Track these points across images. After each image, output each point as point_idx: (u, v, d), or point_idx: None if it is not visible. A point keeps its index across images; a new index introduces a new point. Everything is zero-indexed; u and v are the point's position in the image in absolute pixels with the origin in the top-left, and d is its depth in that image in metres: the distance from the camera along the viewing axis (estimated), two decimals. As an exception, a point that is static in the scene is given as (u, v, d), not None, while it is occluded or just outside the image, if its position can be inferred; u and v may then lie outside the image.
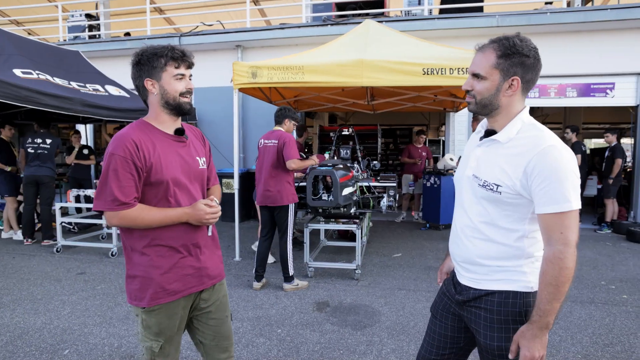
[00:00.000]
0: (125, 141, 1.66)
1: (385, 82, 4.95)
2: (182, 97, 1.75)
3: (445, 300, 1.77)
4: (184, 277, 1.78)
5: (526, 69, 1.47)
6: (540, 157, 1.38)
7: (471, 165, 1.61)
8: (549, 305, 1.38)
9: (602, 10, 7.19)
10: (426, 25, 7.67)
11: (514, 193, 1.45)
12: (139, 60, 1.72)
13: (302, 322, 3.59)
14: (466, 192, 1.63)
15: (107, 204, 1.65)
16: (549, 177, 1.37)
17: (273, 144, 4.28)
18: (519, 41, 1.47)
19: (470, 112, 1.63)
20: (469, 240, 1.60)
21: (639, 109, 7.56)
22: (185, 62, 1.74)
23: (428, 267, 5.22)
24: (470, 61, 4.89)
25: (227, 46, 8.58)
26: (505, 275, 1.54)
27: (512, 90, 1.49)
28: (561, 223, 1.37)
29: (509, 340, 1.51)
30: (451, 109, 8.16)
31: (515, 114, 1.53)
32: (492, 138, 1.54)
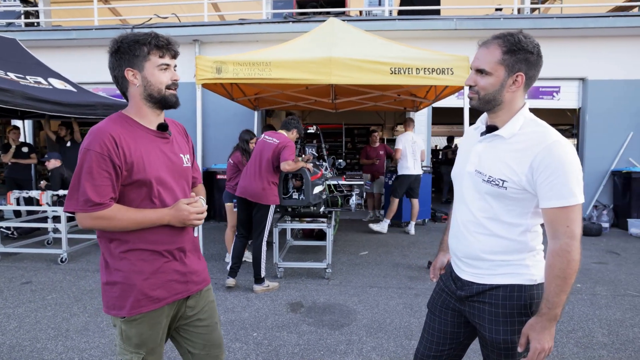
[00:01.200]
0: (102, 136, 1.50)
1: (354, 81, 4.94)
2: (167, 89, 1.61)
3: (444, 296, 1.76)
4: (168, 283, 1.64)
5: (530, 65, 1.49)
6: (546, 152, 1.40)
7: (472, 161, 1.60)
8: (557, 297, 1.40)
9: (549, 18, 7.63)
10: (387, 25, 7.77)
11: (519, 188, 1.46)
12: (118, 47, 1.56)
13: (277, 324, 3.49)
14: (467, 188, 1.62)
15: (78, 204, 1.50)
16: (555, 172, 1.38)
17: (273, 142, 4.23)
18: (523, 37, 1.49)
19: (472, 107, 1.63)
20: (473, 236, 1.59)
21: (581, 111, 8.10)
22: (171, 51, 1.60)
23: (396, 264, 5.28)
24: (436, 62, 4.95)
25: (184, 40, 8.23)
26: (510, 270, 1.55)
27: (516, 86, 1.51)
28: (567, 217, 1.39)
29: (515, 333, 1.53)
30: (411, 109, 8.32)
31: (517, 109, 1.54)
32: (495, 134, 1.54)
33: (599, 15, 7.72)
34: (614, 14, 7.79)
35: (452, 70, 4.90)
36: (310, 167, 4.43)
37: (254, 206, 4.15)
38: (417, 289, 4.36)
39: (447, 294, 1.75)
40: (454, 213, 1.73)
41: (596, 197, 7.95)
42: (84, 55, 8.67)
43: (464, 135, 1.81)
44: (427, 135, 8.66)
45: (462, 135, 10.39)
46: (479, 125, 1.67)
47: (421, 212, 7.85)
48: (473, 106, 1.60)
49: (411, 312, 3.74)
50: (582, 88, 8.02)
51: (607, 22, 7.45)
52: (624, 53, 7.78)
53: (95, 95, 7.90)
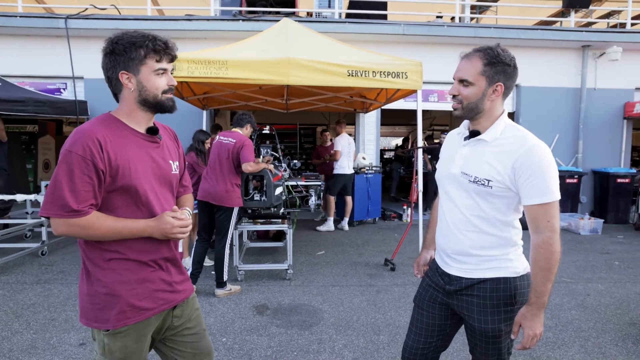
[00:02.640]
0: (86, 138, 1.41)
1: (312, 82, 4.97)
2: (163, 94, 1.55)
3: (431, 291, 1.86)
4: (155, 293, 1.58)
5: (507, 76, 1.62)
6: (526, 154, 1.54)
7: (457, 163, 1.72)
8: (543, 287, 1.54)
9: (487, 28, 8.17)
10: (338, 28, 7.89)
11: (503, 187, 1.58)
12: (112, 49, 1.48)
13: (245, 327, 3.43)
14: (454, 189, 1.72)
15: (55, 209, 1.40)
16: (535, 172, 1.52)
17: (230, 142, 4.10)
18: (501, 51, 1.62)
19: (456, 116, 1.73)
20: (462, 234, 1.69)
21: (515, 114, 8.74)
22: (168, 56, 1.54)
23: (353, 262, 5.39)
24: (391, 66, 5.11)
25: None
26: (496, 264, 1.67)
27: (496, 95, 1.63)
28: (547, 212, 1.53)
29: (501, 322, 1.65)
30: (361, 110, 8.51)
31: (497, 116, 1.67)
32: (479, 138, 1.66)
33: (530, 28, 8.39)
34: (542, 27, 8.49)
35: (406, 75, 5.09)
36: (272, 168, 4.40)
37: (216, 209, 4.05)
38: (378, 286, 4.49)
39: (434, 288, 1.84)
40: (442, 213, 1.81)
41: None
42: (7, 46, 7.94)
43: (447, 139, 1.91)
44: (376, 136, 8.91)
45: (404, 135, 10.90)
46: (461, 131, 1.78)
47: (372, 211, 8.09)
48: (457, 115, 1.70)
49: (375, 309, 3.85)
50: (516, 93, 8.67)
51: (536, 34, 8.11)
52: (551, 62, 8.52)
53: (24, 90, 7.28)
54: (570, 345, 3.17)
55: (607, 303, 3.99)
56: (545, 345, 3.16)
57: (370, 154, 8.77)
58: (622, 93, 8.66)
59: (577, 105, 8.57)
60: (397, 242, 6.52)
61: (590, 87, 8.51)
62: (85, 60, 7.92)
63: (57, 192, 1.39)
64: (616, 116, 8.69)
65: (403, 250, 5.60)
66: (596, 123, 8.65)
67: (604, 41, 8.17)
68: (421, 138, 5.59)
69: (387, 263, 5.22)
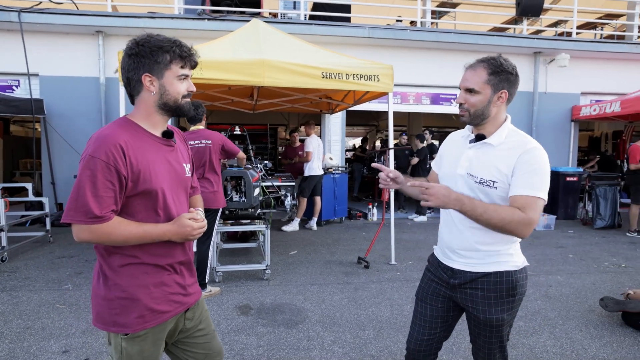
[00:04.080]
0: (109, 143, 1.41)
1: (287, 83, 5.01)
2: (183, 99, 1.57)
3: (434, 285, 1.97)
4: (171, 296, 1.60)
5: (511, 83, 1.75)
6: (525, 154, 1.68)
7: (463, 164, 1.83)
8: (481, 209, 1.64)
9: (448, 33, 8.52)
10: (305, 29, 7.96)
11: (506, 187, 1.71)
12: (138, 51, 1.48)
13: (232, 328, 3.44)
14: (461, 188, 1.81)
15: (78, 216, 1.40)
16: (529, 170, 1.66)
17: (205, 145, 3.97)
18: (504, 61, 1.75)
19: (462, 122, 1.85)
20: (468, 230, 1.80)
21: (473, 116, 9.17)
22: (192, 62, 1.57)
23: (327, 261, 5.48)
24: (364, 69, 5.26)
25: (85, 31, 7.51)
26: (498, 258, 1.80)
27: (501, 101, 1.76)
28: (531, 204, 1.63)
29: (504, 312, 1.79)
30: (327, 111, 8.63)
31: (502, 122, 1.80)
32: (485, 142, 1.78)
33: (487, 34, 8.85)
34: (497, 34, 8.98)
35: (378, 78, 5.25)
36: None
37: (207, 211, 3.99)
38: (355, 283, 4.61)
39: (437, 282, 1.96)
40: (447, 211, 1.89)
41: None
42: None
43: (449, 140, 2.03)
44: (342, 137, 9.07)
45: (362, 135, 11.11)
46: (466, 134, 1.90)
47: (338, 211, 8.23)
48: (464, 122, 1.83)
49: (356, 305, 3.96)
50: (474, 96, 9.09)
51: (493, 40, 8.57)
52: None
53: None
54: (541, 333, 3.42)
55: (567, 293, 4.33)
56: (519, 334, 3.40)
57: (336, 154, 8.91)
58: (569, 97, 9.32)
59: (530, 108, 9.14)
60: (365, 240, 6.70)
61: (541, 91, 9.10)
62: (41, 56, 7.54)
63: (81, 199, 1.39)
64: (565, 119, 9.34)
65: (374, 248, 5.75)
66: (547, 125, 9.26)
67: (554, 48, 8.76)
68: (392, 139, 5.77)
69: (360, 261, 5.36)
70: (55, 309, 3.79)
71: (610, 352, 3.10)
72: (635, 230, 7.22)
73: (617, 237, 7.10)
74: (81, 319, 3.58)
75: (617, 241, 6.81)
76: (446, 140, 2.05)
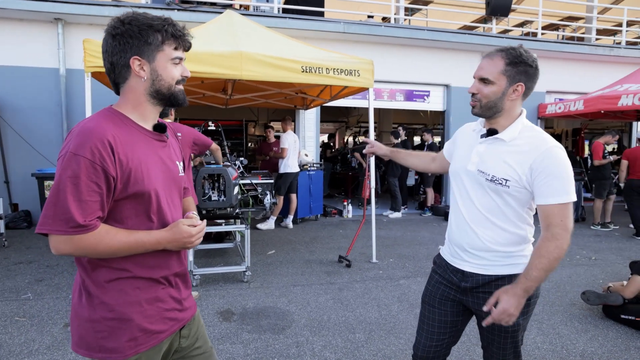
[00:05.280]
0: (95, 139, 1.20)
1: (265, 77, 4.82)
2: (177, 85, 1.37)
3: (442, 288, 1.87)
4: (166, 313, 1.40)
5: (529, 76, 1.65)
6: (544, 155, 1.57)
7: (474, 160, 1.73)
8: (537, 272, 1.55)
9: (421, 30, 8.55)
10: (279, 23, 7.76)
11: (519, 186, 1.62)
12: (125, 30, 1.27)
13: (215, 336, 3.24)
14: (471, 185, 1.74)
15: (58, 224, 1.17)
16: (553, 173, 1.56)
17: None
18: (524, 52, 1.65)
19: (473, 114, 1.75)
20: (479, 229, 1.71)
21: (446, 113, 9.28)
22: (186, 44, 1.38)
23: (307, 260, 5.34)
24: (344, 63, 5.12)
25: (42, 17, 6.97)
26: (512, 260, 1.70)
27: (516, 95, 1.66)
28: (561, 212, 1.57)
29: (520, 317, 1.67)
30: (301, 107, 8.46)
31: (516, 116, 1.70)
32: (497, 137, 1.68)
33: (458, 32, 8.95)
34: (468, 32, 9.10)
35: (358, 72, 5.15)
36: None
37: None
38: (339, 283, 4.50)
39: (446, 286, 1.85)
40: (457, 208, 1.81)
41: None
42: None
43: (462, 131, 1.92)
44: (316, 133, 8.93)
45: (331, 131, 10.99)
46: (477, 128, 1.80)
47: (314, 208, 8.10)
48: (475, 114, 1.72)
49: (343, 307, 3.85)
50: (447, 93, 9.20)
51: (464, 38, 8.68)
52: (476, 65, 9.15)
53: None
54: (530, 330, 3.42)
55: (548, 287, 4.38)
56: (508, 330, 3.38)
57: (310, 150, 8.76)
58: (536, 95, 9.58)
59: (499, 105, 9.33)
60: (343, 238, 6.61)
61: (510, 89, 9.30)
62: (-9, 44, 6.95)
63: (60, 204, 1.17)
64: (532, 116, 9.59)
65: (353, 246, 5.66)
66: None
67: (521, 48, 8.95)
68: (373, 135, 5.69)
69: (341, 260, 5.25)
70: (14, 322, 3.45)
71: (597, 346, 3.14)
72: (599, 223, 7.51)
73: (583, 230, 7.35)
74: (45, 332, 3.27)
75: (583, 234, 7.04)
76: (461, 129, 1.95)
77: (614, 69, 9.65)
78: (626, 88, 7.49)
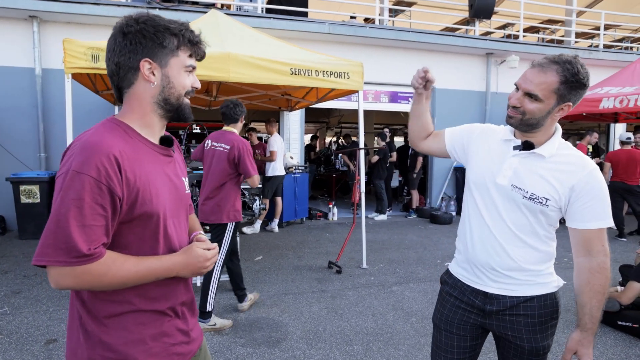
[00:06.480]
0: (100, 154, 1.07)
1: (253, 79, 4.69)
2: (186, 96, 1.26)
3: (461, 312, 1.74)
4: (172, 348, 1.27)
5: (579, 97, 1.51)
6: (588, 178, 1.49)
7: (506, 174, 1.59)
8: (598, 312, 1.50)
9: (407, 32, 8.53)
10: (263, 23, 7.62)
11: (557, 206, 1.53)
12: (140, 29, 1.15)
13: (209, 351, 3.10)
14: (501, 200, 1.61)
15: (58, 255, 1.03)
16: (595, 197, 1.49)
17: (223, 150, 3.49)
18: (581, 68, 1.46)
19: (509, 124, 1.61)
20: (511, 248, 1.60)
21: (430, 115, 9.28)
22: (201, 52, 1.27)
23: (296, 266, 5.24)
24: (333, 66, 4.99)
25: (15, 15, 6.65)
26: (541, 279, 1.61)
27: (561, 114, 1.53)
28: (602, 236, 1.52)
29: (549, 337, 1.63)
30: (286, 109, 8.34)
31: (553, 132, 1.59)
32: (535, 152, 1.56)
33: (443, 34, 8.97)
34: (453, 34, 9.13)
35: (348, 75, 5.07)
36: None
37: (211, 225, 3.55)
38: (331, 291, 4.41)
39: (465, 310, 1.73)
40: (482, 223, 1.67)
41: (443, 189, 9.26)
42: None
43: (482, 132, 1.77)
44: (301, 134, 8.82)
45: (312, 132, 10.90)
46: (507, 136, 1.65)
47: (299, 211, 8.00)
48: (511, 124, 1.59)
49: (337, 316, 3.76)
50: (431, 95, 9.20)
51: (449, 40, 8.70)
52: (460, 67, 9.22)
53: None
54: (527, 336, 3.41)
55: (539, 291, 4.40)
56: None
57: (295, 153, 8.65)
58: (518, 97, 9.69)
59: (483, 107, 9.42)
60: (331, 242, 6.53)
61: (493, 90, 9.39)
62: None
63: (62, 231, 1.03)
64: (514, 118, 9.71)
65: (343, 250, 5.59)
66: (499, 124, 9.53)
67: (504, 50, 9.06)
68: (362, 138, 5.63)
69: (331, 266, 5.17)
70: (-8, 338, 3.25)
71: (597, 354, 3.14)
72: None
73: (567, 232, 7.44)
74: (25, 351, 3.08)
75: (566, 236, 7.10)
76: (483, 129, 1.78)
77: (593, 71, 9.73)
78: (607, 91, 7.63)
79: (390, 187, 9.49)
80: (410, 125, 1.97)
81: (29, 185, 6.15)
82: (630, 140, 7.16)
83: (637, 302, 3.50)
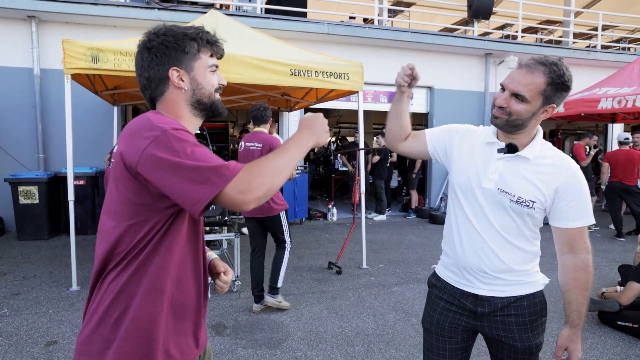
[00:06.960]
0: (173, 122, 1.13)
1: (253, 80, 4.69)
2: (216, 92, 1.32)
3: (452, 315, 1.74)
4: (183, 341, 1.29)
5: (562, 99, 1.53)
6: (571, 179, 1.52)
7: (492, 177, 1.60)
8: (583, 308, 1.54)
9: (405, 32, 8.54)
10: (263, 23, 7.61)
11: (542, 208, 1.56)
12: (161, 42, 1.21)
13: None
14: (488, 204, 1.62)
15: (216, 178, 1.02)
16: (578, 197, 1.52)
17: (257, 148, 3.81)
18: (566, 70, 1.49)
19: (494, 125, 1.64)
20: (500, 251, 1.62)
21: (429, 115, 9.32)
22: (220, 51, 1.34)
23: (296, 267, 5.24)
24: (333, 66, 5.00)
25: (14, 15, 6.63)
26: (529, 278, 1.64)
27: (545, 115, 1.55)
28: (584, 234, 1.55)
29: (540, 335, 1.65)
30: (285, 109, 8.34)
31: (535, 133, 1.61)
32: (519, 154, 1.57)
33: (442, 34, 8.99)
34: (452, 35, 9.14)
35: (348, 76, 5.07)
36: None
37: (266, 219, 3.94)
38: (331, 292, 4.41)
39: (456, 312, 1.73)
40: (470, 228, 1.68)
41: (442, 190, 9.27)
42: None
43: (467, 133, 1.76)
44: (300, 136, 8.81)
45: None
46: (489, 139, 1.65)
47: (299, 212, 7.99)
48: (496, 125, 1.59)
49: (338, 317, 3.76)
50: (430, 95, 9.24)
51: (448, 40, 8.72)
52: (459, 67, 9.23)
53: None
54: (527, 336, 3.41)
55: (539, 291, 4.41)
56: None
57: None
58: (517, 98, 9.71)
59: (482, 107, 9.43)
60: (330, 242, 6.53)
61: (492, 91, 9.40)
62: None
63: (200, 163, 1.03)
64: (513, 118, 9.73)
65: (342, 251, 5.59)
66: (497, 124, 9.61)
67: (503, 50, 9.08)
68: (362, 139, 5.63)
69: (331, 266, 5.17)
70: (-8, 341, 3.24)
71: (597, 354, 3.15)
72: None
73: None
74: (25, 353, 3.06)
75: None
76: (464, 131, 1.77)
77: (591, 72, 9.86)
78: (605, 91, 7.65)
79: (390, 188, 9.50)
80: (388, 126, 1.91)
81: (28, 186, 6.13)
82: (628, 141, 7.18)
83: (637, 302, 3.51)
